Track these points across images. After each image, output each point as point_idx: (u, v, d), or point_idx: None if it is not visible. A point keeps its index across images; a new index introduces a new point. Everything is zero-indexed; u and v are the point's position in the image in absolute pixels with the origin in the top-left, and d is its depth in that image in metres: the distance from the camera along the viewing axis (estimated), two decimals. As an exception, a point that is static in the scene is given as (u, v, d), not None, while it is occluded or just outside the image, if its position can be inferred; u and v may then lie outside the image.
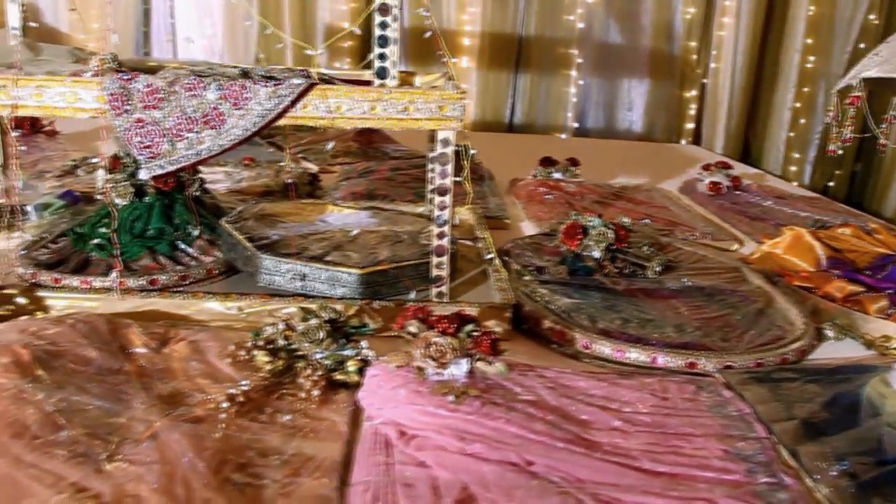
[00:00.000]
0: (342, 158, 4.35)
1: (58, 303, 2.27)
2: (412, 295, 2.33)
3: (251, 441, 1.62)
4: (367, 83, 2.32)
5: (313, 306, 2.04)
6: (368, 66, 2.45)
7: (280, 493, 1.46)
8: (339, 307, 2.03)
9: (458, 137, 2.21)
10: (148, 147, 2.23)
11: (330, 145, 2.84)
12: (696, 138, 6.44)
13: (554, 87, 6.38)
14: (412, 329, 1.82)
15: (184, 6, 6.27)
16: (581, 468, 1.58)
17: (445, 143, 2.25)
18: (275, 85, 2.18)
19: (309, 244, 2.52)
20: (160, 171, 2.25)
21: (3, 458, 1.40)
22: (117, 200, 2.58)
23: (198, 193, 2.73)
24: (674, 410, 1.84)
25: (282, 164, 3.81)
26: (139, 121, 2.21)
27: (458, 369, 1.79)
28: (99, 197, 2.92)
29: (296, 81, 2.20)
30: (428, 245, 2.58)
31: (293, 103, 2.20)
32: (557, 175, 4.05)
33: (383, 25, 2.34)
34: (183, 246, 2.57)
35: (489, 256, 2.61)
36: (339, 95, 2.20)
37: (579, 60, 6.33)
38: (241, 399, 1.70)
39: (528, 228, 3.43)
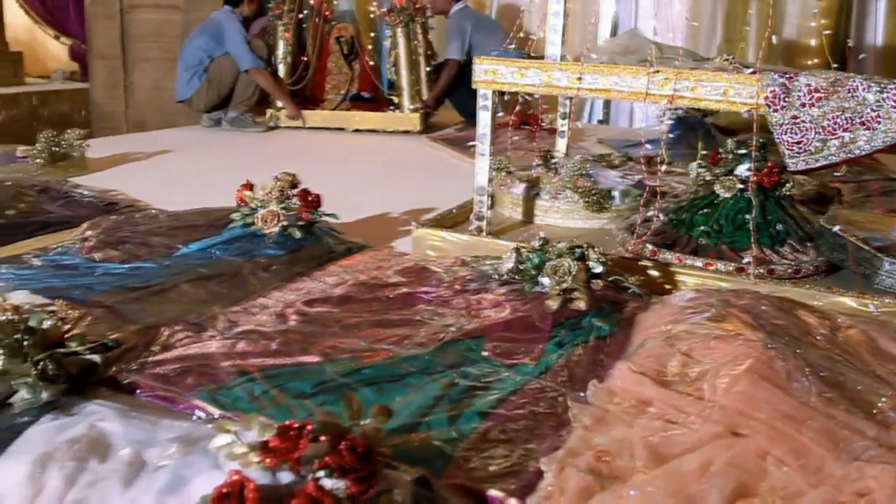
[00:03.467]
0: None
1: (688, 279, 2.45)
2: None
3: None
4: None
5: None
6: None
7: None
8: None
9: None
10: (798, 143, 2.33)
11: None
12: None
13: None
14: None
15: (648, 20, 6.50)
16: None
17: None
18: (941, 90, 2.19)
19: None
20: (804, 167, 2.35)
21: (810, 411, 1.54)
22: (723, 193, 2.73)
23: (789, 193, 2.82)
24: None
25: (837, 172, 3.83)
26: (794, 117, 2.32)
27: None
28: (675, 187, 3.11)
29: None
30: None
31: (959, 109, 2.19)
32: None
33: None
34: (790, 241, 2.66)
35: None
36: None
37: None
38: None
39: None
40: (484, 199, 2.75)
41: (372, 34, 6.94)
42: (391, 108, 6.02)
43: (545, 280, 2.13)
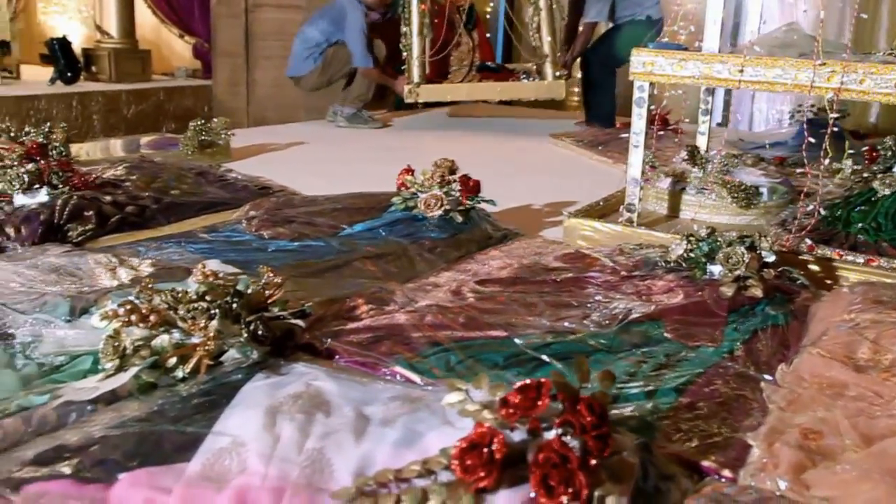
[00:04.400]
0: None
1: (850, 275, 2.41)
2: None
3: None
4: None
5: None
6: None
7: None
8: None
9: None
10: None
11: None
12: None
13: None
14: None
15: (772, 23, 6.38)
16: None
17: None
18: None
19: None
20: None
21: None
22: (882, 190, 2.68)
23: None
24: None
25: None
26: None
27: None
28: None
29: None
30: None
31: None
32: None
33: None
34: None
35: None
36: None
37: None
38: None
39: None
40: (636, 190, 2.76)
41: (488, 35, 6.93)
42: (524, 76, 5.66)
43: (715, 268, 2.14)
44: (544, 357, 1.71)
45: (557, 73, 5.41)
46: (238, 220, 2.66)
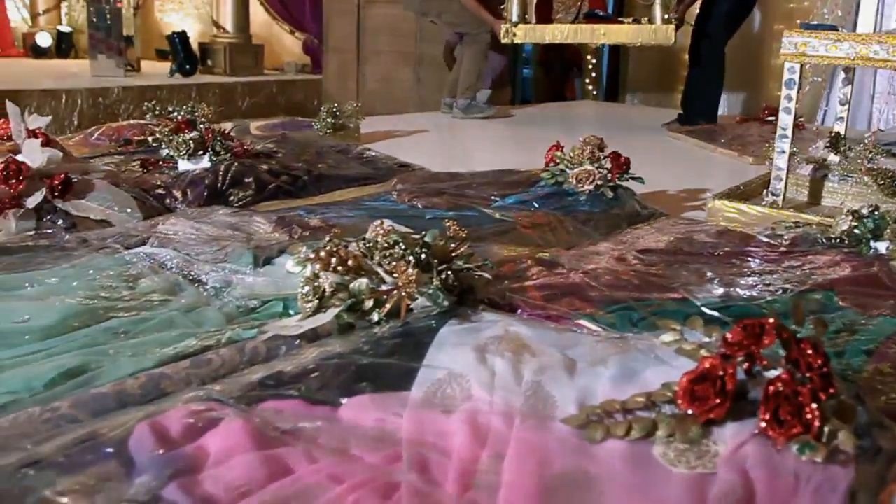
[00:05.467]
0: None
1: None
2: None
3: None
4: None
5: None
6: None
7: None
8: None
9: None
10: None
11: None
12: None
13: None
14: None
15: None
16: None
17: None
18: None
19: None
20: None
21: None
22: None
23: None
24: None
25: None
26: None
27: None
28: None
29: None
30: None
31: None
32: None
33: None
34: None
35: None
36: None
37: None
38: None
39: None
40: (782, 173, 2.74)
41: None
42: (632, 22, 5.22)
43: (881, 244, 2.12)
44: (725, 318, 1.71)
45: (667, 16, 4.83)
46: (387, 192, 2.73)
